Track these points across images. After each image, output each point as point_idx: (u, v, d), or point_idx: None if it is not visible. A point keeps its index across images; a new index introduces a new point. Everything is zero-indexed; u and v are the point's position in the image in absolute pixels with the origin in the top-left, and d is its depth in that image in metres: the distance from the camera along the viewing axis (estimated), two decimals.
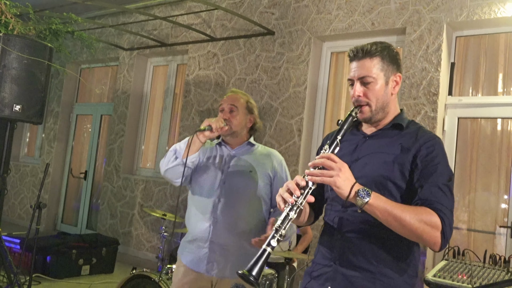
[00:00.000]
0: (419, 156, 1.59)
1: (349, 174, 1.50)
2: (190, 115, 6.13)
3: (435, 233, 1.48)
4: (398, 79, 1.72)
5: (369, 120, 1.71)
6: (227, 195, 2.36)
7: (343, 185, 1.47)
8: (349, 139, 1.76)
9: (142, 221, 6.40)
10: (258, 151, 2.53)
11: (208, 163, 2.46)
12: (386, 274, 1.57)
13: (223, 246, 2.35)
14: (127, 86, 6.99)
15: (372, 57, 1.68)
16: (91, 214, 7.46)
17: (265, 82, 5.48)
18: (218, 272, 2.34)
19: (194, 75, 6.17)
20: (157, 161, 6.77)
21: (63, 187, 7.96)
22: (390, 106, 1.72)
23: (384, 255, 1.58)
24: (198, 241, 2.39)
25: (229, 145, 2.51)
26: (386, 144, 1.67)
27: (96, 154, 7.58)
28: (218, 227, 2.34)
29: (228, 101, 2.48)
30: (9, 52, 3.65)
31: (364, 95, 1.69)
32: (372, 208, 1.47)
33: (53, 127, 7.97)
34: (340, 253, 1.62)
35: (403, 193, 1.59)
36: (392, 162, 1.60)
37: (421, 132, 1.68)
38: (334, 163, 1.49)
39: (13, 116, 3.69)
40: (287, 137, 5.21)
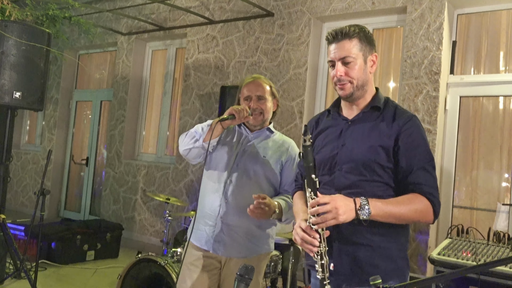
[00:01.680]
0: (400, 139, 1.73)
1: (345, 204, 1.61)
2: (191, 100, 6.11)
3: (428, 216, 1.70)
4: (374, 59, 1.85)
5: (350, 97, 1.81)
6: (238, 177, 2.37)
7: (347, 217, 1.61)
8: (333, 125, 1.89)
9: (145, 206, 6.42)
10: (275, 138, 2.53)
11: (225, 143, 2.47)
12: (383, 246, 1.73)
13: (231, 227, 2.36)
14: (126, 71, 6.95)
15: (351, 39, 1.79)
16: (94, 200, 7.48)
17: (265, 64, 5.44)
18: (225, 251, 2.37)
19: (193, 59, 6.12)
20: (158, 146, 6.77)
21: (65, 174, 7.97)
22: (368, 85, 1.84)
23: (379, 230, 1.72)
24: (206, 218, 2.41)
25: (249, 128, 2.51)
26: (369, 129, 1.79)
27: (97, 141, 7.57)
28: (227, 207, 2.36)
29: (254, 89, 2.46)
30: (7, 39, 3.62)
31: (345, 74, 1.79)
32: (374, 218, 1.65)
33: (53, 114, 7.95)
34: (339, 233, 1.73)
35: (389, 173, 1.74)
36: (377, 146, 1.74)
37: (398, 112, 1.81)
38: (327, 204, 1.60)
39: (13, 103, 3.68)
40: (288, 119, 5.20)
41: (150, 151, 6.95)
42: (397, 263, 1.74)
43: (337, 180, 1.77)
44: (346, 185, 1.73)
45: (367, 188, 1.72)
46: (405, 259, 1.78)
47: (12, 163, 4.53)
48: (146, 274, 3.26)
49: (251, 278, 1.27)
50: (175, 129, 6.58)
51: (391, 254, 1.73)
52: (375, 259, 1.71)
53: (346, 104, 1.89)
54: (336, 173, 1.78)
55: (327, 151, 1.83)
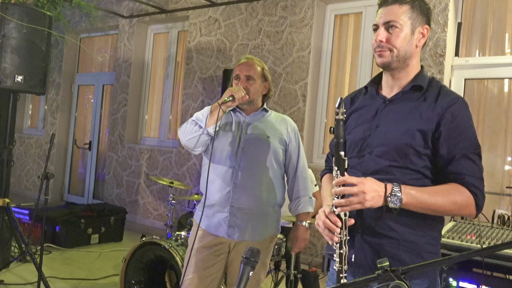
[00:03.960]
0: (443, 123, 1.54)
1: (374, 189, 1.47)
2: (193, 83, 6.07)
3: (469, 210, 1.53)
4: (425, 32, 1.65)
5: (388, 67, 1.63)
6: (247, 161, 2.38)
7: (375, 203, 1.47)
8: (368, 104, 1.71)
9: (148, 189, 6.44)
10: (272, 117, 2.54)
11: (225, 130, 2.46)
12: (409, 239, 1.57)
13: (243, 210, 2.37)
14: (128, 55, 6.90)
15: (401, 4, 1.61)
16: (97, 184, 7.50)
17: (268, 47, 5.40)
18: (240, 235, 2.38)
19: (195, 42, 6.08)
20: (161, 130, 6.75)
21: (68, 158, 7.98)
22: (412, 59, 1.65)
23: (406, 221, 1.57)
24: (217, 206, 2.41)
25: (244, 111, 2.51)
26: (408, 110, 1.61)
27: (100, 124, 7.56)
28: (238, 191, 2.37)
29: (244, 69, 2.46)
30: (8, 21, 3.58)
31: (387, 41, 1.60)
32: (406, 207, 1.50)
33: (55, 98, 7.93)
34: (362, 222, 1.60)
35: (426, 161, 1.57)
36: (415, 130, 1.56)
37: (443, 93, 1.61)
38: (354, 186, 1.46)
39: (15, 87, 3.65)
40: (291, 102, 5.17)
41: (152, 135, 6.94)
42: (425, 258, 1.57)
43: (365, 163, 1.62)
44: (375, 170, 1.58)
45: (398, 175, 1.55)
46: (436, 254, 1.61)
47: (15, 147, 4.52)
48: (150, 257, 3.28)
49: (257, 261, 1.26)
50: (178, 112, 6.57)
51: (419, 249, 1.57)
52: (400, 252, 1.56)
53: (387, 81, 1.70)
54: (365, 157, 1.63)
55: (359, 132, 1.67)
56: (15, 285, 3.87)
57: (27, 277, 4.05)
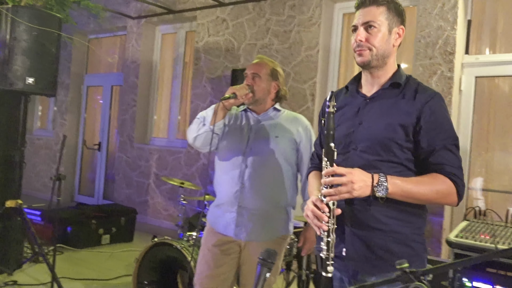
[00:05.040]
0: (423, 118, 1.64)
1: (361, 179, 1.55)
2: (201, 83, 6.07)
3: (452, 198, 1.62)
4: (401, 32, 1.75)
5: (367, 65, 1.72)
6: (254, 161, 2.38)
7: (362, 192, 1.55)
8: (350, 102, 1.80)
9: (158, 190, 6.45)
10: (283, 116, 2.52)
11: (234, 129, 2.47)
12: (397, 231, 1.65)
13: (251, 211, 2.37)
14: (136, 56, 6.92)
15: (378, 6, 1.71)
16: (107, 185, 7.53)
17: (276, 46, 5.39)
18: (247, 235, 2.37)
19: (203, 42, 6.07)
20: (170, 130, 6.77)
21: (77, 159, 8.02)
22: (390, 58, 1.75)
23: (392, 213, 1.65)
24: (226, 205, 2.42)
25: (255, 111, 2.51)
26: (388, 106, 1.71)
27: (109, 125, 7.59)
28: (245, 191, 2.36)
29: (252, 67, 2.47)
30: (18, 24, 3.60)
31: (366, 40, 1.70)
32: (392, 197, 1.58)
33: (64, 99, 7.96)
34: (351, 216, 1.67)
35: (408, 154, 1.66)
36: (396, 124, 1.65)
37: (420, 89, 1.71)
38: (343, 176, 1.54)
39: (26, 89, 3.66)
40: (300, 102, 5.16)
41: (161, 135, 6.95)
42: (412, 247, 1.67)
43: (351, 159, 1.70)
44: (361, 164, 1.64)
45: (383, 169, 1.64)
46: (421, 243, 1.71)
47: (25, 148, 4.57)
48: (162, 258, 3.28)
49: (274, 262, 1.26)
50: (186, 113, 6.57)
51: (406, 238, 1.66)
52: (389, 243, 1.65)
53: (366, 80, 1.79)
54: (350, 152, 1.71)
55: (343, 130, 1.75)
56: (29, 286, 3.90)
57: (40, 277, 4.07)
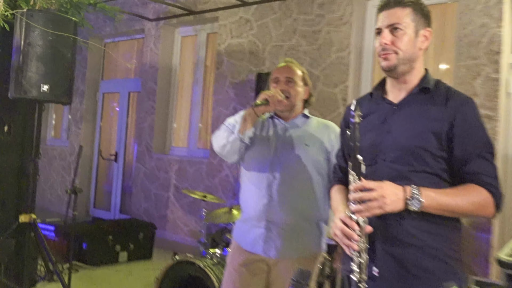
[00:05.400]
0: (456, 124, 1.66)
1: (392, 192, 1.57)
2: (224, 88, 6.14)
3: (489, 210, 1.63)
4: (428, 34, 1.77)
5: (393, 70, 1.74)
6: (282, 171, 2.38)
7: (394, 207, 1.57)
8: (376, 110, 1.81)
9: (178, 203, 6.52)
10: (313, 123, 2.54)
11: (260, 138, 2.48)
12: (432, 246, 1.65)
13: (280, 225, 2.37)
14: (154, 60, 7.04)
15: (404, 7, 1.73)
16: (124, 198, 7.65)
17: (304, 48, 5.41)
18: (276, 252, 2.37)
19: (226, 45, 6.15)
20: (190, 139, 6.84)
21: (93, 170, 8.18)
22: (417, 62, 1.77)
23: (427, 227, 1.65)
24: (253, 220, 2.43)
25: (283, 118, 2.53)
26: (418, 113, 1.72)
27: (126, 134, 7.72)
28: (274, 205, 2.37)
29: (284, 71, 2.49)
30: (33, 29, 3.71)
31: (392, 43, 1.72)
32: (426, 210, 1.59)
33: (79, 107, 8.14)
34: (383, 232, 1.67)
35: (441, 163, 1.67)
36: (428, 132, 1.66)
37: (451, 94, 1.73)
38: (373, 191, 1.56)
39: (41, 97, 3.77)
40: (330, 107, 5.16)
41: (181, 144, 7.04)
42: (449, 264, 1.66)
43: (380, 171, 1.70)
44: (391, 176, 1.65)
45: (415, 179, 1.64)
46: (459, 260, 1.69)
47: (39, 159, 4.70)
48: (184, 277, 3.32)
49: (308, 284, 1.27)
50: (208, 120, 6.64)
51: (442, 254, 1.65)
52: (424, 260, 1.64)
53: (393, 85, 1.81)
54: (379, 164, 1.72)
55: (369, 139, 1.75)
56: None
57: None
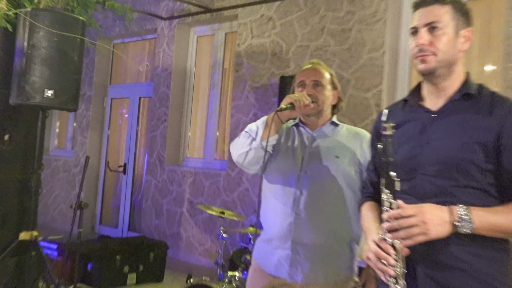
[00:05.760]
0: (505, 134, 1.62)
1: (436, 215, 1.52)
2: (244, 93, 6.12)
3: None
4: (469, 35, 1.76)
5: (432, 73, 1.71)
6: (310, 186, 2.35)
7: (440, 232, 1.53)
8: (412, 118, 1.79)
9: (193, 220, 6.50)
10: (343, 132, 2.51)
11: (285, 148, 2.46)
12: (481, 270, 1.60)
13: (308, 247, 2.34)
14: (168, 62, 7.06)
15: (443, 4, 1.72)
16: (133, 214, 7.67)
17: (332, 48, 5.37)
18: (303, 277, 2.33)
19: (246, 45, 6.14)
20: (207, 149, 6.83)
21: (99, 183, 8.22)
22: (457, 65, 1.74)
23: (475, 249, 1.60)
24: (277, 241, 2.40)
25: (309, 126, 2.50)
26: (461, 121, 1.68)
27: (136, 144, 7.75)
28: (301, 223, 2.34)
29: (310, 74, 2.47)
30: (37, 30, 3.73)
31: (430, 44, 1.69)
32: (477, 232, 1.55)
33: (85, 114, 8.21)
34: (423, 254, 1.62)
35: (489, 177, 1.62)
36: (473, 143, 1.62)
37: (497, 100, 1.69)
38: (411, 217, 1.52)
39: (45, 103, 3.77)
40: (362, 114, 5.10)
41: (196, 155, 7.03)
42: None
43: (419, 186, 1.67)
44: (433, 192, 1.63)
45: (460, 196, 1.60)
46: (508, 285, 1.64)
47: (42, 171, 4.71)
48: None
49: None
50: (226, 129, 6.63)
51: (491, 279, 1.60)
52: (471, 285, 1.59)
53: (430, 91, 1.78)
54: (418, 178, 1.68)
55: (406, 151, 1.73)
56: None
57: None
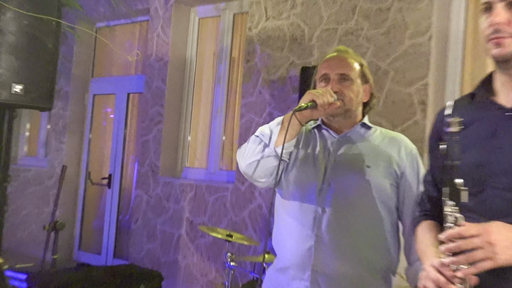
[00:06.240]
0: None
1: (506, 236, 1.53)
2: (256, 88, 6.10)
3: None
4: None
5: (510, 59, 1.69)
6: (335, 202, 2.38)
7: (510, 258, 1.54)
8: (481, 117, 1.79)
9: (193, 244, 6.48)
10: (377, 136, 2.56)
11: (305, 155, 2.49)
12: None
13: (332, 277, 2.36)
14: (163, 51, 7.06)
15: None
16: (120, 237, 7.67)
17: (366, 32, 5.35)
18: None
19: (259, 29, 6.12)
20: (210, 157, 6.82)
21: (79, 199, 8.24)
22: None
23: None
24: (293, 270, 2.42)
25: (334, 129, 2.53)
26: None
27: (124, 151, 7.76)
28: (323, 249, 2.36)
29: (335, 65, 2.49)
30: (4, 11, 3.74)
31: (508, 23, 1.67)
32: None
33: (62, 114, 8.21)
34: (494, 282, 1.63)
35: None
36: None
37: None
38: (474, 238, 1.53)
39: (12, 100, 3.79)
40: (403, 114, 5.07)
41: (198, 164, 7.02)
42: None
43: (489, 201, 1.67)
44: (505, 210, 1.63)
45: None
46: None
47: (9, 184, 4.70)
48: None
49: None
50: (234, 132, 6.62)
51: None
52: None
53: (504, 83, 1.78)
54: (487, 191, 1.69)
55: (472, 158, 1.73)
56: None
57: None
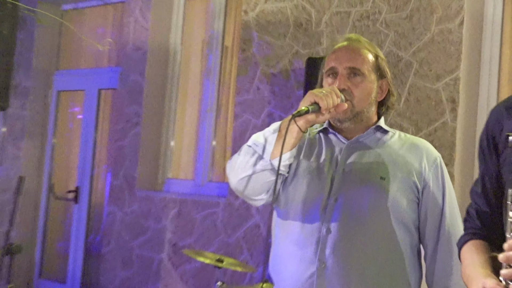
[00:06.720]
0: None
1: None
2: (254, 83, 6.14)
3: None
4: None
5: None
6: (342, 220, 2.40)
7: None
8: None
9: (177, 271, 6.51)
10: (395, 141, 2.56)
11: (306, 164, 2.51)
12: None
13: None
14: (142, 38, 7.09)
15: None
16: (88, 262, 7.66)
17: (385, 16, 5.40)
18: None
19: (257, 12, 6.17)
20: (198, 166, 6.84)
21: (39, 217, 8.22)
22: None
23: None
24: None
25: (343, 133, 2.55)
26: None
27: (94, 159, 7.77)
28: (328, 276, 2.37)
29: (345, 57, 2.50)
30: None
31: None
32: None
33: (20, 114, 8.22)
34: None
35: None
36: None
37: None
38: None
39: None
40: (430, 113, 5.11)
41: (183, 175, 7.06)
42: None
43: None
44: None
45: None
46: None
47: None
48: None
49: None
50: (227, 136, 6.65)
51: None
52: None
53: None
54: None
55: None
56: None
57: None
